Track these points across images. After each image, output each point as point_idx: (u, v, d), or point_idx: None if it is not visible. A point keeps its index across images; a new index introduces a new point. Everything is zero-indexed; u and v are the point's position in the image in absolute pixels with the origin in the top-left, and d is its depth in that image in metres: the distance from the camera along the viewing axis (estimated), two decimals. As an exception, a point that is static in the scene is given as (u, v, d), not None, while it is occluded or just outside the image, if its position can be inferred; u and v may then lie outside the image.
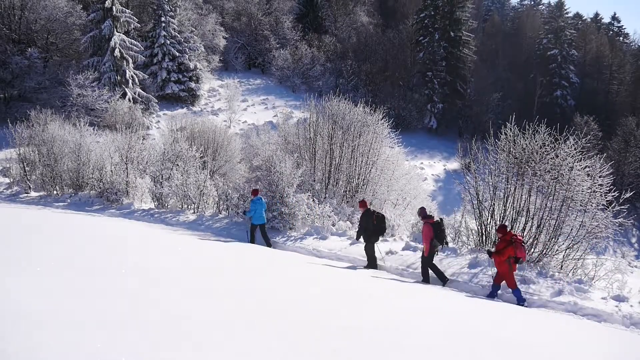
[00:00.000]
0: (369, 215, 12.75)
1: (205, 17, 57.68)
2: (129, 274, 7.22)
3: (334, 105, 20.24)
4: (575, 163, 12.29)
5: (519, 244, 10.28)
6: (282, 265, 11.45)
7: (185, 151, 19.85)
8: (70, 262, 7.58)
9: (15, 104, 35.42)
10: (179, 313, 5.35)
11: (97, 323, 4.56)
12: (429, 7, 60.93)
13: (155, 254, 10.06)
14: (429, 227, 11.41)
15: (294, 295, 7.63)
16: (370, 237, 12.62)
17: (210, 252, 11.79)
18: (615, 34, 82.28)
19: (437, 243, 11.47)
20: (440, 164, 48.30)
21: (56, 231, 11.83)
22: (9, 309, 4.60)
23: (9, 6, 37.19)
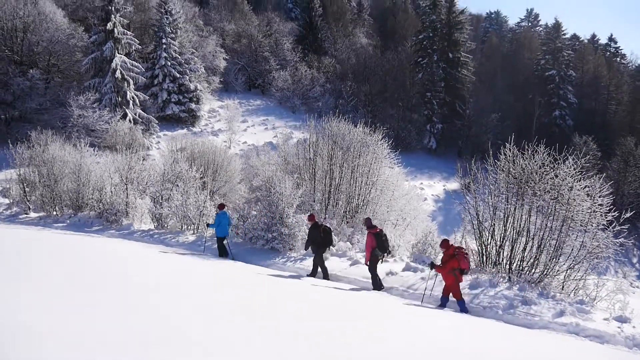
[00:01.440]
0: (317, 228, 13.51)
1: (206, 39, 58.23)
2: (129, 291, 7.17)
3: (333, 125, 20.32)
4: (574, 183, 12.29)
5: (462, 256, 10.85)
6: (279, 286, 11.38)
7: (185, 172, 19.87)
8: (70, 280, 7.54)
9: (16, 125, 35.56)
10: (179, 330, 5.30)
11: (98, 342, 4.52)
12: (428, 28, 61.55)
13: (154, 275, 10.01)
14: (371, 237, 12.28)
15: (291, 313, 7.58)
16: (318, 248, 13.37)
17: (212, 271, 11.74)
18: (612, 54, 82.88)
19: (379, 252, 12.26)
20: (439, 184, 48.29)
21: (56, 250, 11.78)
22: (9, 325, 4.57)
23: (11, 28, 37.53)
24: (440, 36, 61.26)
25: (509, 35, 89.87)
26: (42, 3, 40.79)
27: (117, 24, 38.89)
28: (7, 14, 37.06)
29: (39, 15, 38.65)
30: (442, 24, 61.35)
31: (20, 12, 37.60)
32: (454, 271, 10.80)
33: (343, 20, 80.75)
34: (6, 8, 37.03)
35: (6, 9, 37.01)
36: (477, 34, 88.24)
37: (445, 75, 59.68)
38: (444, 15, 61.61)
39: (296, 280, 12.55)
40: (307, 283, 12.19)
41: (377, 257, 12.31)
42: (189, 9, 61.66)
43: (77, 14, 48.64)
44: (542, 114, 62.69)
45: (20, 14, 37.61)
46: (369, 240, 12.34)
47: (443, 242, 11.53)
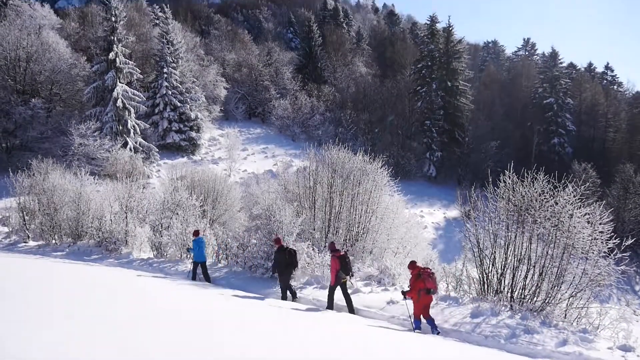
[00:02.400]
0: (283, 251, 13.99)
1: (206, 68, 58.90)
2: (128, 324, 7.10)
3: (333, 154, 20.37)
4: (575, 210, 12.28)
5: (427, 276, 11.13)
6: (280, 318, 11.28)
7: (185, 200, 19.85)
8: (69, 312, 7.47)
9: (17, 154, 35.70)
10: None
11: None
12: (426, 57, 62.24)
13: (152, 304, 9.92)
14: (335, 260, 12.75)
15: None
16: (283, 270, 13.84)
17: (212, 304, 11.63)
18: (609, 82, 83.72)
19: (342, 274, 12.72)
20: (440, 212, 48.22)
21: (55, 280, 11.71)
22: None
23: (15, 58, 37.99)
24: (438, 65, 61.91)
25: (506, 64, 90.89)
26: (45, 33, 41.39)
27: (119, 53, 39.34)
28: (10, 44, 37.53)
29: (42, 46, 39.17)
30: (441, 53, 62.06)
31: (23, 42, 38.10)
32: (420, 292, 11.07)
33: (342, 50, 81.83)
34: (10, 38, 37.51)
35: (10, 39, 37.49)
36: (475, 62, 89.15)
37: (444, 104, 60.12)
38: (442, 45, 62.35)
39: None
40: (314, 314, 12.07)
41: (341, 279, 12.77)
42: (190, 39, 62.51)
43: (80, 44, 49.34)
44: (541, 141, 62.99)
45: (24, 44, 38.10)
46: (333, 264, 12.84)
47: (410, 264, 11.83)
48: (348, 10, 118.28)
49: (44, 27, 43.43)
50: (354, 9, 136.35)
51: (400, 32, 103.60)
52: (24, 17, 42.86)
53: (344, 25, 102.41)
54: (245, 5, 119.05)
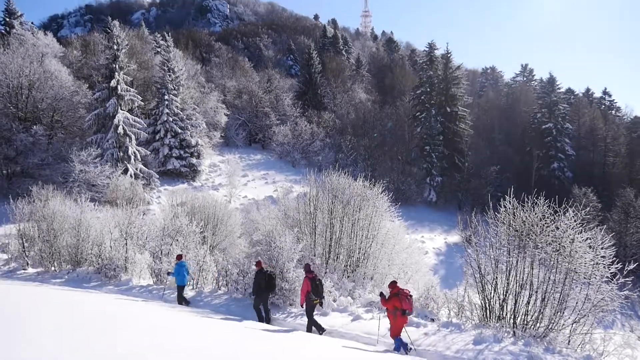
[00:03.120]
0: (262, 273, 14.33)
1: (207, 95, 59.40)
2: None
3: (333, 179, 20.38)
4: (576, 235, 12.23)
5: (404, 297, 11.39)
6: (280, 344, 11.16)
7: (185, 226, 19.80)
8: (68, 344, 7.39)
9: (18, 180, 35.73)
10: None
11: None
12: (425, 84, 62.76)
13: (150, 336, 9.82)
14: (307, 282, 13.12)
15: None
16: (262, 292, 14.26)
17: (212, 334, 11.52)
18: (607, 107, 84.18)
19: (313, 296, 13.06)
20: (441, 237, 48.05)
21: (54, 309, 11.60)
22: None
23: (17, 86, 38.30)
24: (437, 91, 62.40)
25: (505, 89, 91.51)
26: (48, 61, 41.79)
27: (120, 81, 39.69)
28: (13, 72, 37.88)
29: (44, 73, 39.52)
30: (439, 80, 62.61)
31: (26, 70, 38.45)
32: (396, 311, 11.31)
33: (342, 77, 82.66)
34: (12, 66, 37.87)
35: (12, 68, 37.85)
36: (473, 88, 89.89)
37: (443, 129, 60.42)
38: (441, 71, 62.95)
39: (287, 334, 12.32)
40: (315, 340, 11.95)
41: (312, 300, 13.09)
42: (191, 67, 63.19)
43: (82, 71, 49.83)
44: (540, 166, 63.09)
45: (26, 72, 38.45)
46: (304, 285, 13.20)
47: (391, 283, 12.04)
48: (347, 37, 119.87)
49: (46, 55, 43.88)
50: (353, 37, 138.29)
51: (399, 59, 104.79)
52: (27, 45, 43.31)
53: (344, 53, 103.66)
54: (246, 33, 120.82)
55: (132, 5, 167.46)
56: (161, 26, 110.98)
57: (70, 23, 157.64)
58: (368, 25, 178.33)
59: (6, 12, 48.30)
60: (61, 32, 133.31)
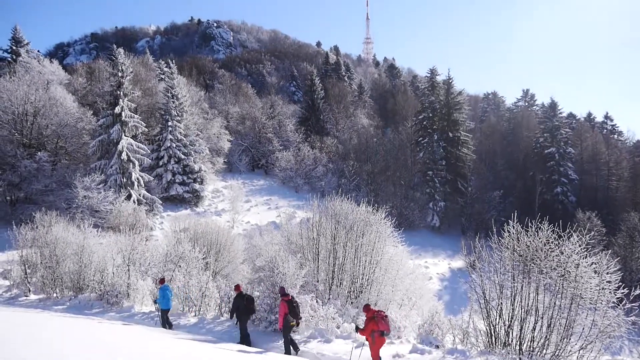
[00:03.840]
0: (241, 297, 14.75)
1: (210, 121, 59.80)
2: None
3: (336, 205, 20.36)
4: (581, 260, 12.15)
5: (380, 319, 11.54)
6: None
7: (188, 252, 19.75)
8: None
9: (21, 206, 35.80)
10: None
11: None
12: (427, 109, 63.10)
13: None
14: (284, 304, 13.42)
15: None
16: (241, 315, 14.60)
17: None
18: (609, 132, 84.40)
19: (290, 318, 13.32)
20: (444, 263, 47.77)
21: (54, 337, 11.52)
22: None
23: (22, 113, 38.64)
24: (439, 116, 62.71)
25: (506, 114, 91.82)
26: (53, 89, 42.25)
27: (124, 107, 40.01)
28: (18, 99, 38.26)
29: (49, 100, 39.92)
30: (441, 105, 62.96)
31: (31, 97, 38.84)
32: (373, 333, 11.43)
33: (344, 102, 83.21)
34: (18, 94, 38.27)
35: (18, 95, 38.25)
36: (475, 113, 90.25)
37: (446, 154, 60.54)
38: (443, 97, 63.34)
39: None
40: None
41: (289, 322, 13.32)
42: (195, 93, 63.78)
43: (87, 98, 50.34)
44: (544, 190, 62.96)
45: (32, 99, 38.84)
46: (282, 307, 13.45)
47: (365, 307, 12.23)
48: (349, 64, 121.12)
49: (52, 82, 44.39)
50: (355, 63, 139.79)
51: (401, 85, 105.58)
52: (33, 73, 43.87)
53: (346, 79, 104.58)
54: (249, 60, 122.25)
55: (137, 33, 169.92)
56: (165, 53, 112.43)
57: (75, 51, 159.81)
58: (370, 51, 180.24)
59: (13, 40, 48.98)
60: (67, 60, 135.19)
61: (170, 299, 16.62)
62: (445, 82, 64.22)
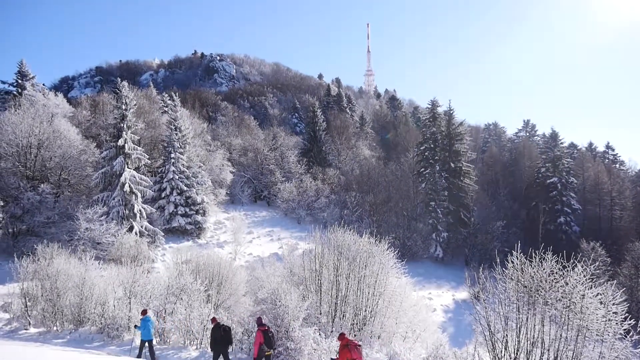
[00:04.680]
0: (218, 327, 14.90)
1: (213, 153, 60.11)
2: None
3: (339, 236, 20.31)
4: (586, 291, 12.04)
5: (353, 347, 11.89)
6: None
7: (190, 284, 19.62)
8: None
9: (23, 239, 35.72)
10: None
11: None
12: (429, 140, 63.34)
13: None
14: (260, 334, 13.86)
15: None
16: (217, 346, 14.77)
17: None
18: (611, 161, 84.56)
19: (265, 348, 13.74)
20: (448, 294, 47.29)
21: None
22: None
23: (26, 145, 38.89)
24: (441, 147, 62.92)
25: (508, 144, 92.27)
26: (57, 121, 42.61)
27: (128, 140, 40.26)
28: (23, 132, 38.56)
29: (53, 133, 40.21)
30: (443, 136, 63.23)
31: (36, 130, 39.15)
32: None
33: (346, 134, 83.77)
34: (23, 126, 38.58)
35: (23, 127, 38.55)
36: (477, 144, 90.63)
37: (448, 185, 60.55)
38: (444, 127, 63.65)
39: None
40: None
41: (263, 351, 13.75)
42: (197, 125, 64.27)
43: (91, 131, 50.74)
44: (547, 220, 62.72)
45: (36, 132, 39.13)
46: (257, 337, 13.88)
47: (340, 335, 12.72)
48: (351, 95, 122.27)
49: (56, 115, 44.79)
50: (357, 95, 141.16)
51: (402, 116, 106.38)
52: (38, 106, 44.29)
53: (348, 110, 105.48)
54: (252, 92, 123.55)
55: (141, 67, 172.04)
56: (169, 86, 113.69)
57: (80, 84, 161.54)
58: (371, 83, 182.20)
59: (19, 74, 49.61)
60: (71, 93, 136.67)
61: (151, 330, 16.77)
62: (446, 113, 64.62)
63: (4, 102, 47.15)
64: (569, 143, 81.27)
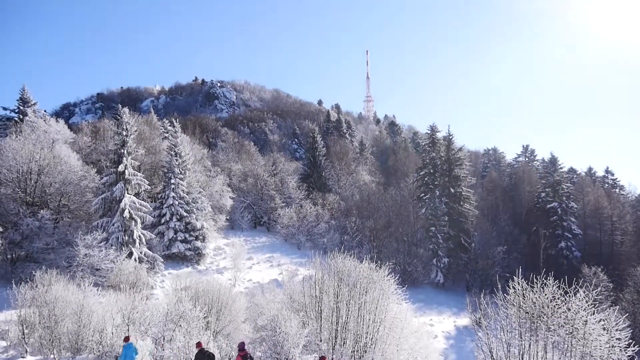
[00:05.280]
0: (202, 353, 14.96)
1: (213, 179, 60.20)
2: None
3: (339, 262, 20.23)
4: (589, 316, 11.95)
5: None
6: None
7: (189, 311, 19.46)
8: None
9: (22, 265, 35.49)
10: None
11: None
12: (428, 165, 63.47)
13: None
14: (239, 358, 14.07)
15: None
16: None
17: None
18: (610, 186, 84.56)
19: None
20: (450, 320, 46.84)
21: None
22: None
23: (27, 171, 38.92)
24: (441, 172, 62.99)
25: (507, 169, 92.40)
26: (58, 147, 42.76)
27: (128, 166, 40.33)
28: (24, 158, 38.62)
29: (54, 159, 40.27)
30: (442, 161, 63.36)
31: (36, 155, 39.21)
32: None
33: (346, 159, 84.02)
34: (24, 152, 38.67)
35: (24, 153, 38.64)
36: (476, 169, 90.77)
37: (448, 210, 60.44)
38: (444, 153, 63.80)
39: None
40: None
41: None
42: (198, 151, 64.51)
43: (91, 157, 50.85)
44: (548, 245, 62.45)
45: (37, 158, 39.19)
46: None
47: (320, 358, 13.10)
48: (351, 121, 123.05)
49: (57, 141, 44.96)
50: (357, 120, 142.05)
51: (402, 141, 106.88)
52: (39, 132, 44.48)
53: (347, 136, 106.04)
54: (252, 118, 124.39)
55: (142, 93, 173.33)
56: (169, 112, 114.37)
57: (81, 110, 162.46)
58: (370, 109, 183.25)
59: (21, 100, 49.89)
60: (73, 119, 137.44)
61: (134, 357, 16.59)
62: (446, 139, 64.84)
63: (6, 128, 47.33)
64: (569, 168, 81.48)
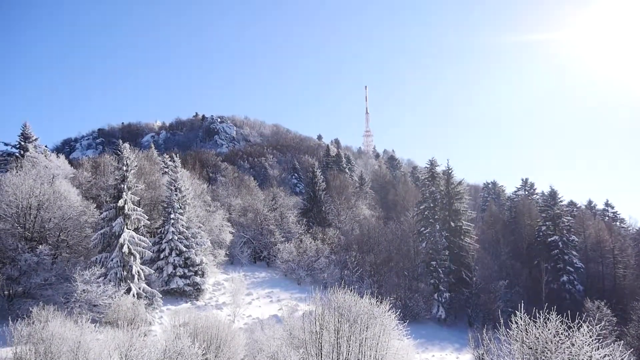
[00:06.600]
0: None
1: (213, 214, 60.09)
2: None
3: (339, 297, 20.06)
4: (593, 352, 11.79)
5: None
6: None
7: (187, 348, 19.20)
8: None
9: (19, 301, 35.13)
10: None
11: None
12: (428, 199, 63.51)
13: None
14: None
15: None
16: None
17: None
18: (611, 219, 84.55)
19: None
20: (452, 356, 46.12)
21: None
22: None
23: (26, 206, 38.89)
24: (440, 206, 63.00)
25: (507, 203, 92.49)
26: (58, 183, 42.82)
27: (128, 201, 40.31)
28: (24, 193, 38.62)
29: (53, 194, 40.26)
30: (442, 195, 63.45)
31: (36, 191, 39.22)
32: None
33: (346, 194, 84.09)
34: (24, 188, 38.70)
35: (24, 189, 38.66)
36: (476, 202, 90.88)
37: (448, 244, 60.25)
38: (443, 187, 63.96)
39: None
40: None
41: None
42: (197, 186, 64.54)
43: (91, 192, 50.88)
44: (550, 279, 62.05)
45: (36, 193, 39.20)
46: None
47: None
48: (350, 156, 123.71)
49: (57, 176, 45.05)
50: (356, 155, 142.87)
51: (401, 176, 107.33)
52: (39, 167, 44.63)
53: (347, 170, 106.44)
54: (252, 153, 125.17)
55: (143, 129, 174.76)
56: (170, 147, 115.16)
57: (82, 146, 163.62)
58: (370, 144, 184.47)
59: (22, 136, 50.21)
60: (73, 154, 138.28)
61: None
62: (445, 173, 65.06)
63: (7, 163, 47.53)
64: (568, 201, 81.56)
